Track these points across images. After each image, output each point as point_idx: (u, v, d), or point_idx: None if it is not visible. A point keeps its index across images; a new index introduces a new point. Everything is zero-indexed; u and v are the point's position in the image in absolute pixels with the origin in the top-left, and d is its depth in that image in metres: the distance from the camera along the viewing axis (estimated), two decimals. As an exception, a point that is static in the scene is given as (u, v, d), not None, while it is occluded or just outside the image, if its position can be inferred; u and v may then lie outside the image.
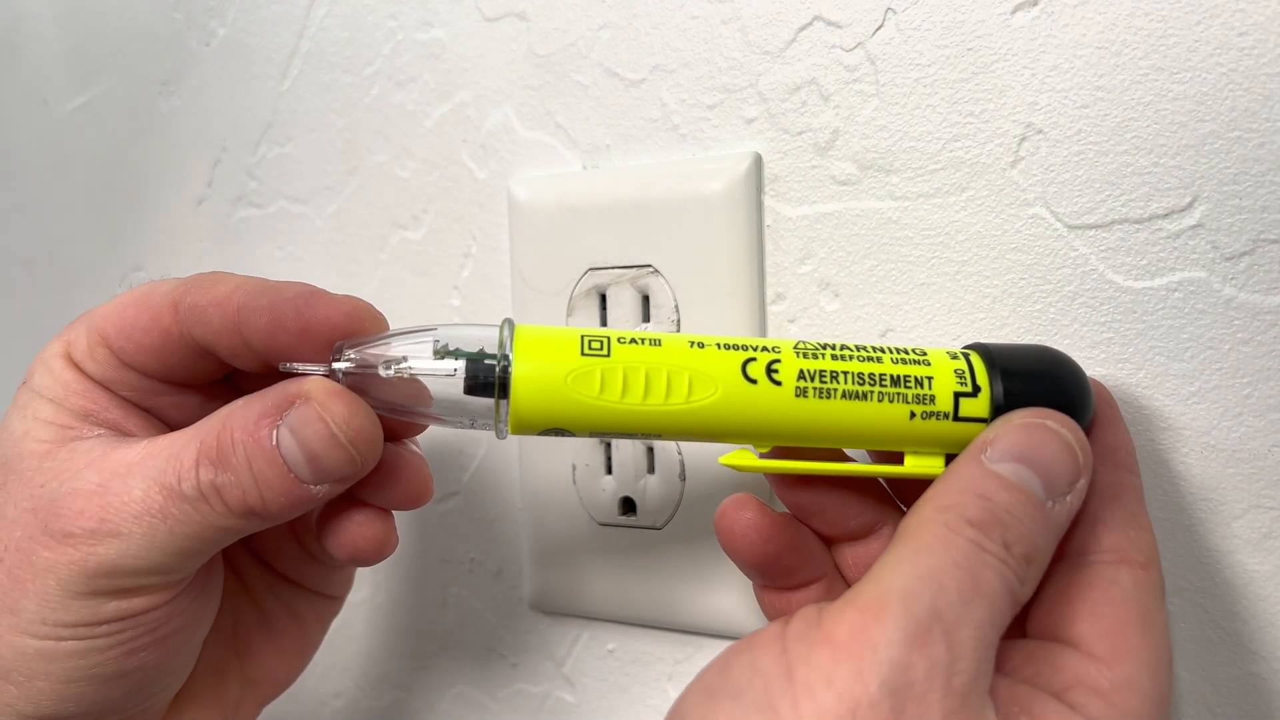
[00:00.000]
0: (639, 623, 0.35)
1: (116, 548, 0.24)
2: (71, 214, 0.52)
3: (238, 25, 0.44)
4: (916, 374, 0.23)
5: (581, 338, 0.23)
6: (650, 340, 0.24)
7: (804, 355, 0.23)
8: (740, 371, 0.23)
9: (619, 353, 0.23)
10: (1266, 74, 0.25)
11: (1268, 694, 0.26)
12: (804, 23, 0.31)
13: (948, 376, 0.23)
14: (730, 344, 0.24)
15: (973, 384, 0.23)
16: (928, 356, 0.24)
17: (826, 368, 0.23)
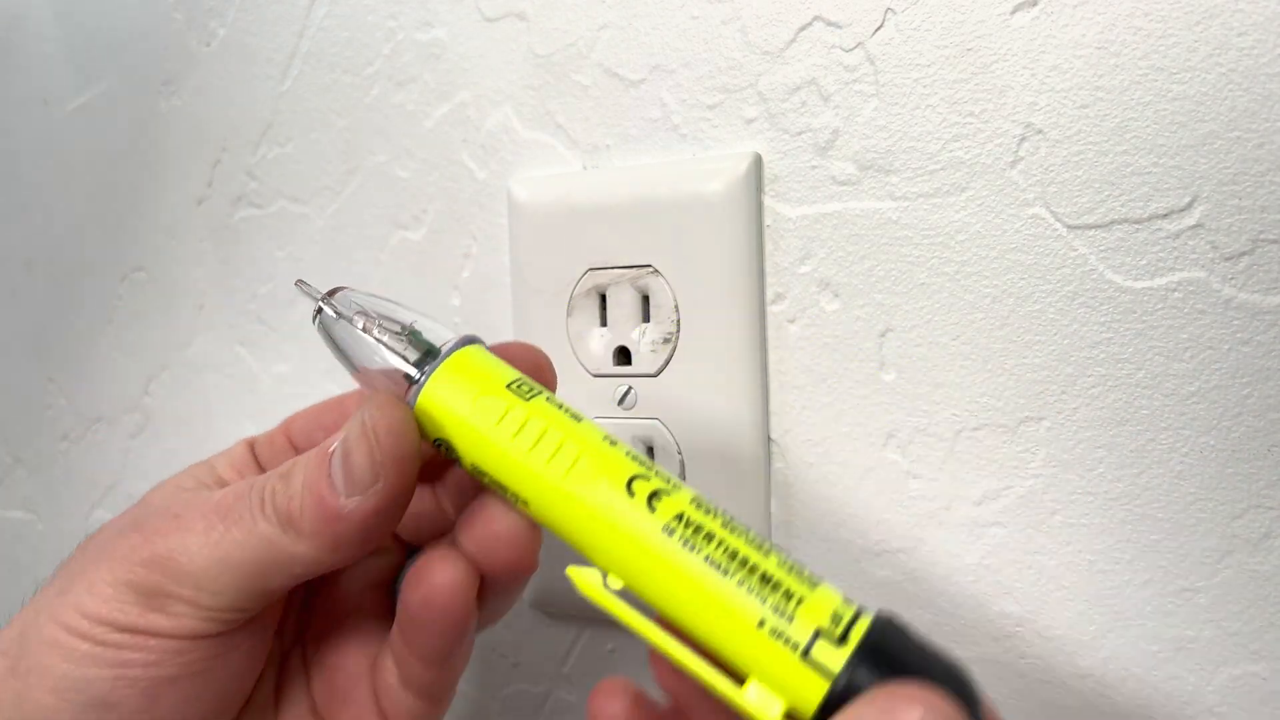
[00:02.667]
0: (639, 623, 0.35)
1: (177, 541, 0.24)
2: (72, 214, 0.52)
3: (238, 25, 0.44)
4: (791, 587, 0.20)
5: (518, 379, 0.24)
6: (573, 414, 0.23)
7: (695, 504, 0.22)
8: (625, 480, 0.22)
9: (537, 405, 0.23)
10: (1266, 74, 0.25)
11: (1268, 694, 0.26)
12: (804, 23, 0.31)
13: (822, 610, 0.20)
14: (639, 460, 0.23)
15: (843, 632, 0.20)
16: (820, 586, 0.21)
17: (707, 525, 0.21)
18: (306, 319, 0.43)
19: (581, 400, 0.34)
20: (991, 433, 0.29)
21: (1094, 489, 0.28)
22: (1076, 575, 0.28)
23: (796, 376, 0.32)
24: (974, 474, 0.29)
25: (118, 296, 0.50)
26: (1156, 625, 0.27)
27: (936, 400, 0.30)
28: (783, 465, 0.32)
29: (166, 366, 0.48)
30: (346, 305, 0.26)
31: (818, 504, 0.32)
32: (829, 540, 0.32)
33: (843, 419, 0.31)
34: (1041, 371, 0.28)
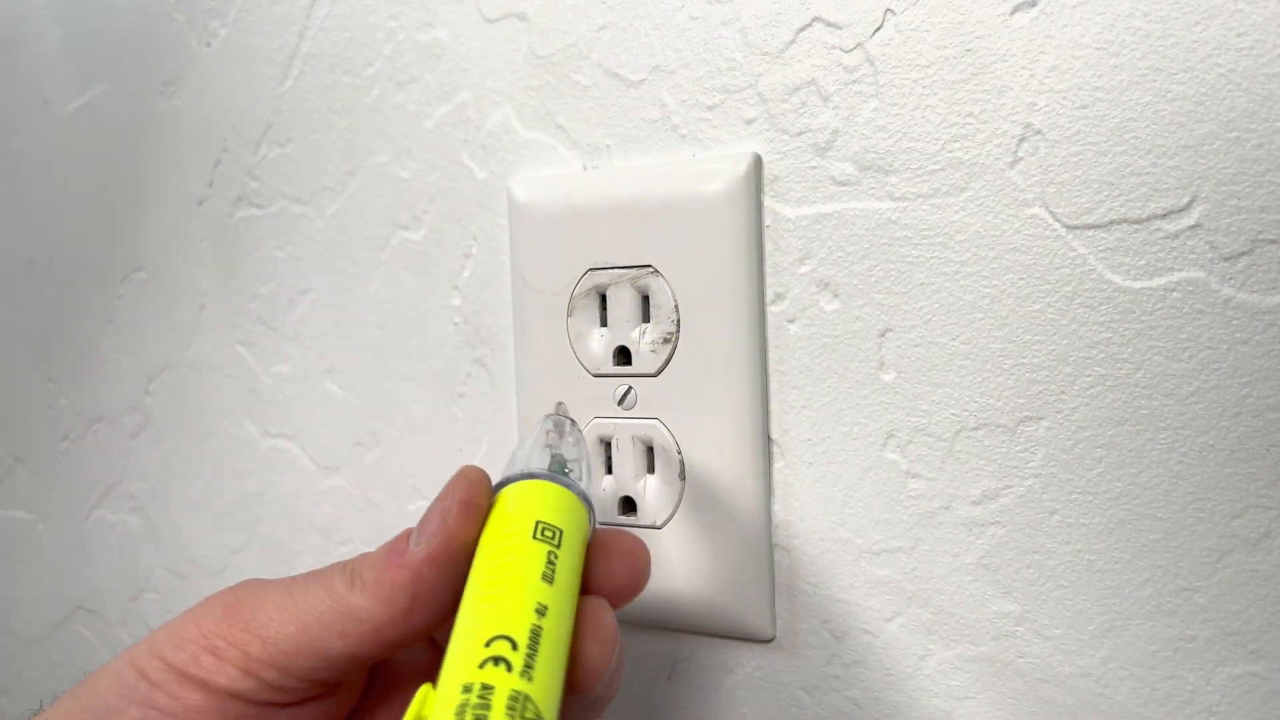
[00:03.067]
0: (639, 623, 0.35)
1: (259, 598, 0.24)
2: (72, 214, 0.52)
3: (239, 26, 0.44)
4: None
5: (547, 525, 0.24)
6: (549, 574, 0.23)
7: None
8: (483, 648, 0.21)
9: (522, 547, 0.23)
10: (1265, 74, 0.25)
11: (1267, 694, 0.26)
12: (803, 24, 0.31)
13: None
14: (523, 645, 0.21)
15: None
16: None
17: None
18: (307, 319, 0.43)
19: (581, 400, 0.34)
20: (991, 432, 0.29)
21: (1093, 489, 0.28)
22: (1076, 574, 0.28)
23: (796, 376, 0.32)
24: (973, 473, 0.29)
25: (118, 296, 0.50)
26: (1155, 625, 0.27)
27: (936, 400, 0.30)
28: (783, 465, 0.32)
29: (167, 366, 0.48)
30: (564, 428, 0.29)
31: (817, 504, 0.32)
32: (829, 540, 0.32)
33: (842, 419, 0.31)
34: (1041, 371, 0.28)
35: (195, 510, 0.48)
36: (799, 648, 0.32)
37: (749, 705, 0.34)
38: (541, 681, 0.21)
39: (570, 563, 0.24)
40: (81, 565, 0.54)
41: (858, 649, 0.32)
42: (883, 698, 0.31)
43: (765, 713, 0.33)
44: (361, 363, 0.42)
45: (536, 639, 0.22)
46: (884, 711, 0.31)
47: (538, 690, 0.21)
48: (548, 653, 0.22)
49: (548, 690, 0.21)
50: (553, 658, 0.22)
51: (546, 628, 0.22)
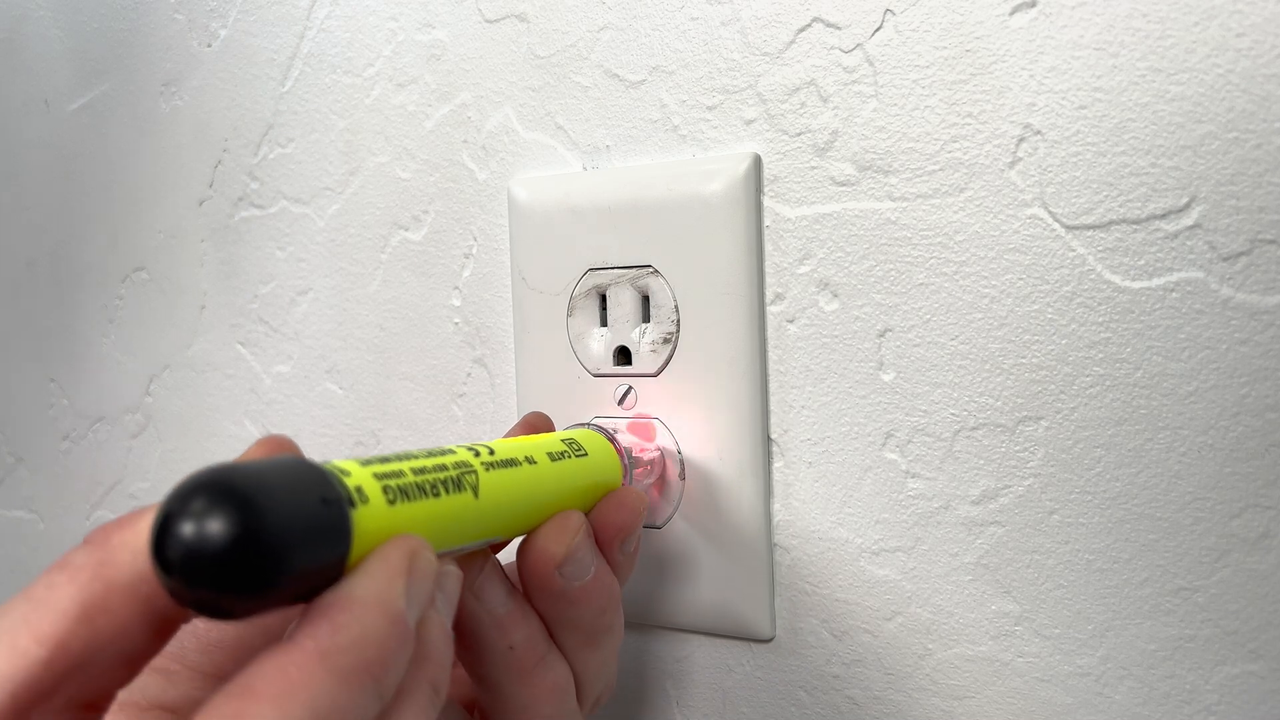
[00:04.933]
0: (639, 622, 0.35)
1: None
2: (73, 214, 0.52)
3: (239, 26, 0.44)
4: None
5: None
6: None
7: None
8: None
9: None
10: (1264, 75, 0.25)
11: (1265, 693, 0.26)
12: (803, 24, 0.31)
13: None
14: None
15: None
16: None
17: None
18: (307, 319, 0.43)
19: (581, 400, 0.34)
20: (990, 432, 0.29)
21: (1092, 488, 0.28)
22: (1075, 574, 0.28)
23: (796, 376, 0.32)
24: (973, 473, 0.29)
25: (119, 296, 0.50)
26: (1154, 624, 0.27)
27: (935, 400, 0.30)
28: (782, 465, 0.32)
29: (168, 366, 0.48)
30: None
31: (817, 503, 0.32)
32: (828, 539, 0.32)
33: (842, 419, 0.31)
34: (1040, 371, 0.28)
35: (196, 510, 0.48)
36: (799, 648, 0.32)
37: (749, 705, 0.34)
38: (494, 483, 0.24)
39: (579, 472, 0.27)
40: (82, 565, 0.53)
41: (857, 649, 0.32)
42: (882, 697, 0.31)
43: (765, 713, 0.33)
44: (361, 363, 0.42)
45: (511, 464, 0.25)
46: (884, 711, 0.31)
47: (488, 481, 0.23)
48: (514, 479, 0.24)
49: (497, 493, 0.24)
50: (517, 487, 0.24)
51: (525, 469, 0.25)
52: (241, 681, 0.17)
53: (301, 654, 0.17)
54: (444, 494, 0.22)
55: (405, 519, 0.20)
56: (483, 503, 0.23)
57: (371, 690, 0.18)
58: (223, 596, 0.16)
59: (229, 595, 0.16)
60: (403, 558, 0.19)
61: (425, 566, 0.20)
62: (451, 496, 0.22)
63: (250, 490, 0.17)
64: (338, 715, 0.17)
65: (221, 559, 0.16)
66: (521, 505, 0.25)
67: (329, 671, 0.17)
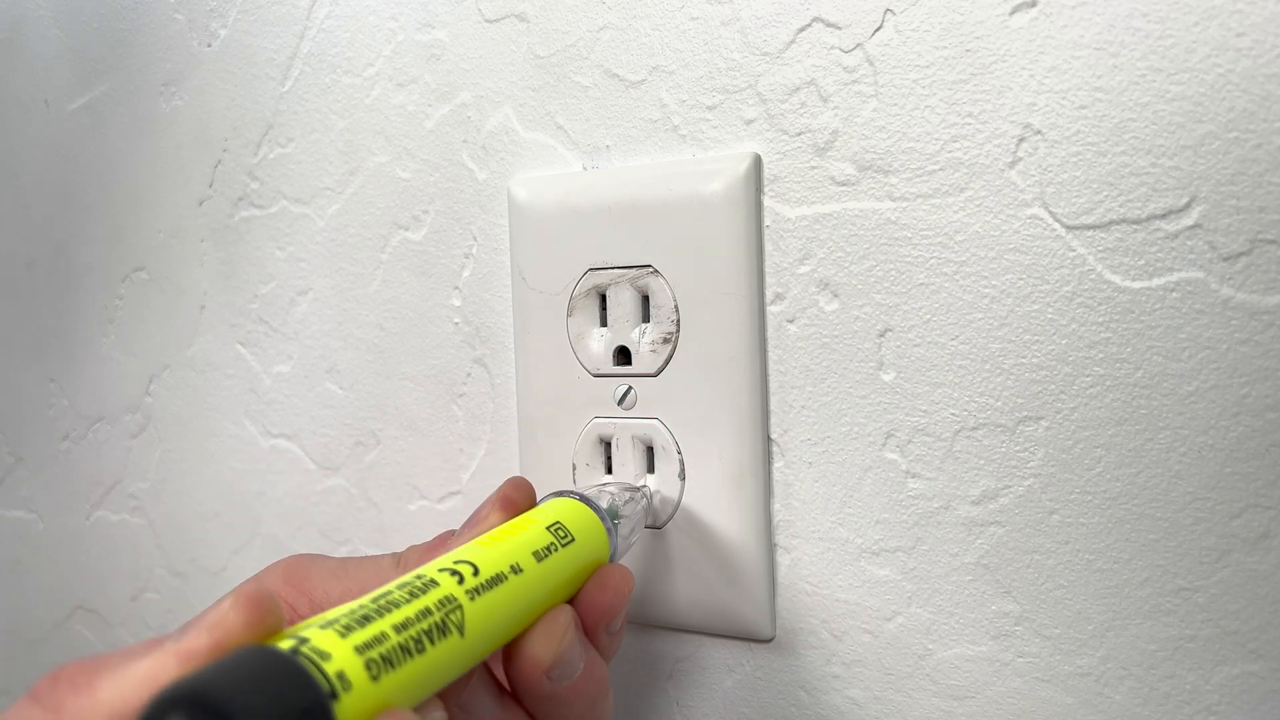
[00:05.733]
0: (639, 622, 0.35)
1: None
2: (73, 214, 0.52)
3: (239, 26, 0.44)
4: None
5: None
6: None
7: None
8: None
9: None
10: (1264, 75, 0.25)
11: (1265, 693, 0.26)
12: (803, 24, 0.31)
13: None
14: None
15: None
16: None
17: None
18: (307, 319, 0.43)
19: (581, 400, 0.34)
20: (990, 432, 0.29)
21: (1092, 488, 0.28)
22: (1075, 574, 0.28)
23: (796, 376, 0.32)
24: (973, 473, 0.29)
25: (119, 297, 0.50)
26: (1154, 624, 0.27)
27: (935, 400, 0.30)
28: (782, 465, 0.32)
29: (168, 366, 0.48)
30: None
31: (817, 503, 0.32)
32: (828, 539, 0.32)
33: (842, 419, 0.31)
34: (1040, 371, 0.28)
35: (195, 510, 0.48)
36: (799, 648, 0.32)
37: (749, 705, 0.34)
38: (480, 613, 0.22)
39: (567, 565, 0.26)
40: (82, 565, 0.54)
41: (857, 649, 0.32)
42: (882, 697, 0.31)
43: (765, 713, 0.33)
44: (361, 363, 0.42)
45: (498, 582, 0.23)
46: (884, 711, 0.31)
47: (474, 612, 0.22)
48: (501, 601, 0.23)
49: (484, 623, 0.23)
50: (504, 608, 0.23)
51: (511, 583, 0.24)
52: None
53: None
54: (429, 646, 0.21)
55: (391, 689, 0.20)
56: (469, 639, 0.22)
57: None
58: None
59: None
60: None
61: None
62: (438, 645, 0.21)
63: (229, 709, 0.16)
64: None
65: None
66: (511, 624, 0.24)
67: None
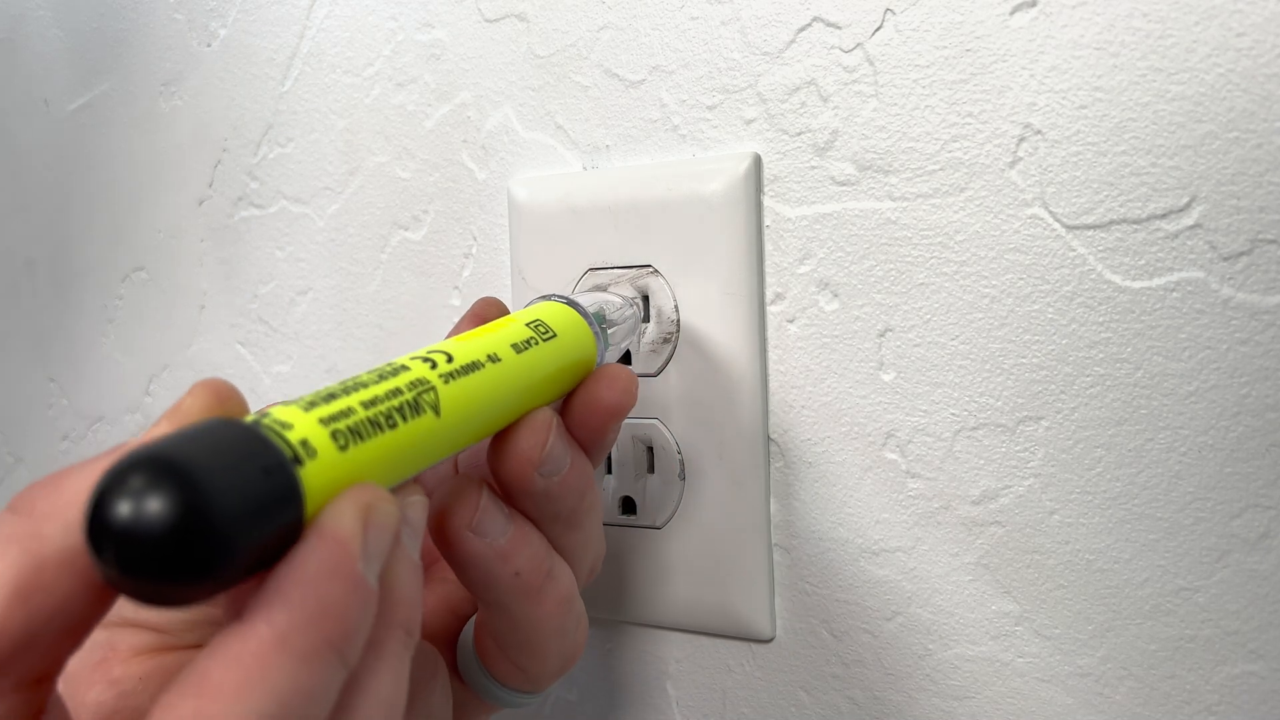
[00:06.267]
0: (639, 622, 0.35)
1: None
2: (73, 214, 0.52)
3: (239, 26, 0.44)
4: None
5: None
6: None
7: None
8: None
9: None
10: (1264, 75, 0.25)
11: (1266, 693, 0.26)
12: (803, 24, 0.31)
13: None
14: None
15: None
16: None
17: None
18: (307, 319, 0.43)
19: (581, 400, 0.34)
20: (990, 432, 0.29)
21: (1093, 488, 0.28)
22: (1075, 574, 0.28)
23: (796, 376, 0.32)
24: (973, 473, 0.29)
25: (118, 296, 0.50)
26: (1155, 624, 0.27)
27: (935, 400, 0.30)
28: (782, 465, 0.32)
29: (167, 366, 0.48)
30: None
31: (817, 503, 0.32)
32: (828, 539, 0.32)
33: (842, 419, 0.31)
34: (1040, 371, 0.28)
35: (195, 510, 0.48)
36: (799, 648, 0.32)
37: (749, 705, 0.34)
38: (456, 396, 0.21)
39: (549, 360, 0.25)
40: (82, 565, 0.53)
41: (858, 649, 0.32)
42: (882, 697, 0.31)
43: (765, 713, 0.33)
44: (361, 363, 0.42)
45: (473, 369, 0.22)
46: (884, 711, 0.31)
47: (449, 395, 0.21)
48: (478, 386, 0.22)
49: (461, 407, 0.21)
50: (482, 393, 0.22)
51: (489, 371, 0.23)
52: (196, 675, 0.16)
53: (257, 640, 0.16)
54: (401, 423, 0.20)
55: (361, 462, 0.19)
56: (446, 420, 0.21)
57: (335, 663, 0.17)
58: (164, 585, 0.15)
59: (170, 583, 0.15)
60: (356, 516, 0.18)
61: (383, 520, 0.19)
62: (410, 423, 0.20)
63: (188, 466, 0.15)
64: (302, 698, 0.16)
65: (161, 544, 0.15)
66: (490, 413, 0.23)
67: (288, 655, 0.16)
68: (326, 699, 0.17)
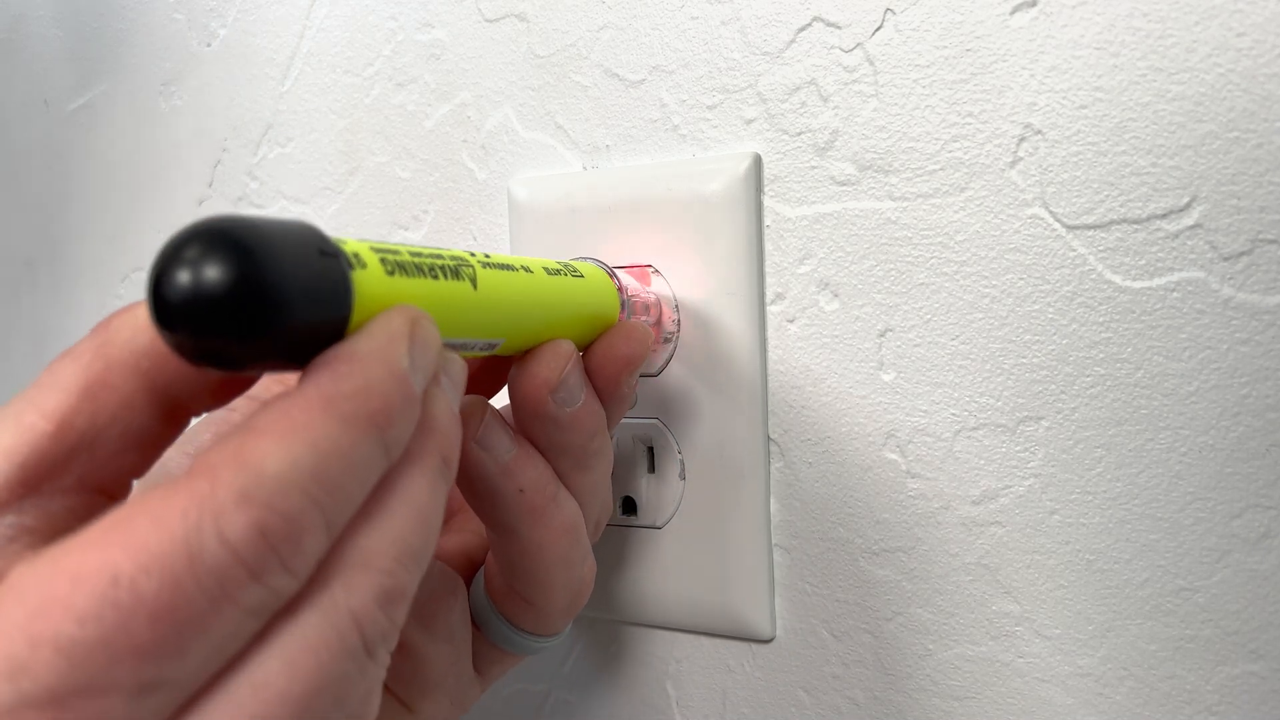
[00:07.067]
0: (639, 623, 0.35)
1: None
2: (72, 214, 0.52)
3: (239, 26, 0.44)
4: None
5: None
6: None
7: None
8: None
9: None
10: (1265, 74, 0.25)
11: (1266, 693, 0.26)
12: (803, 23, 0.31)
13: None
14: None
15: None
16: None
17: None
18: (307, 319, 0.43)
19: (581, 400, 0.34)
20: (990, 432, 0.29)
21: (1093, 488, 0.28)
22: (1075, 574, 0.28)
23: (796, 376, 0.32)
24: (973, 473, 0.29)
25: (118, 297, 0.50)
26: (1155, 624, 0.27)
27: (936, 400, 0.30)
28: (782, 465, 0.32)
29: (167, 366, 0.48)
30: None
31: (817, 503, 0.32)
32: (828, 540, 0.32)
33: (842, 419, 0.31)
34: (1040, 371, 0.28)
35: (195, 510, 0.48)
36: (799, 648, 0.32)
37: (749, 705, 0.34)
38: (492, 282, 0.23)
39: (576, 292, 0.27)
40: (82, 565, 0.53)
41: (857, 649, 0.32)
42: (882, 698, 0.31)
43: (765, 713, 0.33)
44: (361, 363, 0.42)
45: (508, 269, 0.24)
46: (884, 712, 0.31)
47: (486, 278, 0.23)
48: (511, 283, 0.24)
49: (495, 292, 0.23)
50: (514, 291, 0.24)
51: (522, 276, 0.24)
52: (249, 424, 0.17)
53: (304, 399, 0.17)
54: (442, 278, 0.21)
55: (404, 292, 0.20)
56: (481, 295, 0.22)
57: (375, 439, 0.18)
58: (223, 340, 0.16)
59: (230, 339, 0.16)
60: (405, 323, 0.19)
61: (428, 336, 0.19)
62: (450, 282, 0.21)
63: (245, 236, 0.16)
64: (339, 457, 0.17)
65: (220, 297, 0.15)
66: (519, 308, 0.24)
67: (332, 415, 0.17)
68: (362, 474, 0.17)
